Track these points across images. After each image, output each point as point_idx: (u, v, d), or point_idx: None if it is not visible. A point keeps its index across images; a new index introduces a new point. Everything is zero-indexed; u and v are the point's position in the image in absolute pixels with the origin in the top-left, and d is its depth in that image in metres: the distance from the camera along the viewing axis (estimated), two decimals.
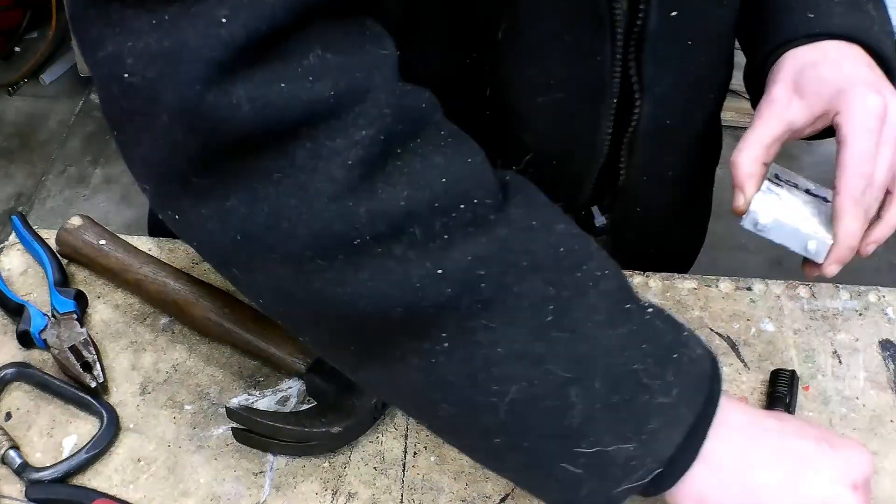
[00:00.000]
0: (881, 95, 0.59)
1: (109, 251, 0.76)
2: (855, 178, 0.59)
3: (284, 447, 0.64)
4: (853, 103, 0.60)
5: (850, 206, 0.60)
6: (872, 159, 0.59)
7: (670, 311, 0.49)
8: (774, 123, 0.63)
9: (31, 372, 0.69)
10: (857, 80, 0.60)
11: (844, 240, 0.61)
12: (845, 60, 0.62)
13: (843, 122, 0.60)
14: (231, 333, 0.70)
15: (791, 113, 0.63)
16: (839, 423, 0.68)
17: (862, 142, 0.59)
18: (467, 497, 0.63)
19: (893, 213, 0.63)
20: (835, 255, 0.62)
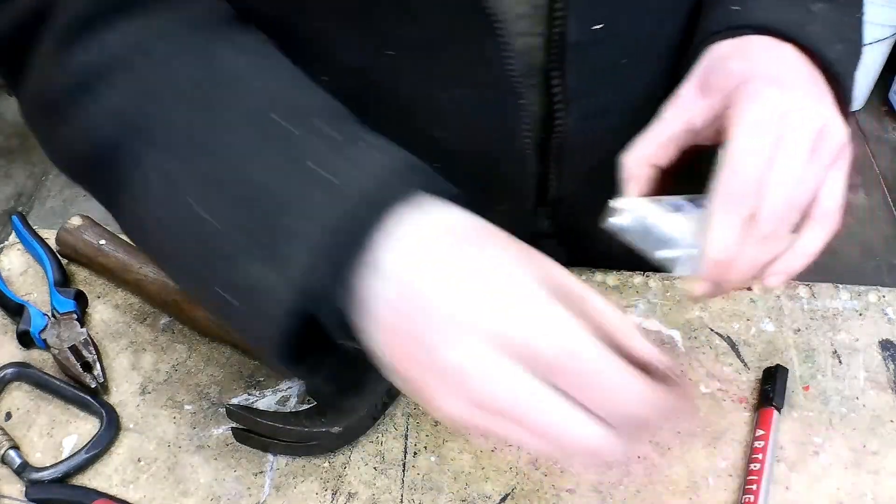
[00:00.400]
0: (784, 92, 0.51)
1: (109, 251, 0.76)
2: (732, 181, 0.49)
3: (284, 447, 0.64)
4: (746, 98, 0.51)
5: (722, 213, 0.49)
6: (760, 163, 0.49)
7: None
8: (671, 122, 0.56)
9: (31, 372, 0.69)
10: (762, 74, 0.52)
11: (711, 251, 0.50)
12: (762, 55, 0.54)
13: (731, 117, 0.51)
14: (231, 333, 0.70)
15: (691, 111, 0.55)
16: (839, 423, 0.68)
17: (746, 141, 0.50)
18: (467, 497, 0.63)
19: (806, 241, 0.52)
20: (703, 269, 0.51)
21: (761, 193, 0.49)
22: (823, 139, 0.51)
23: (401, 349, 0.42)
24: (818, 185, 0.52)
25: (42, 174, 2.38)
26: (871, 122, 2.73)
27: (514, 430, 0.39)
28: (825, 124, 0.51)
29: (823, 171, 0.51)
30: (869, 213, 2.45)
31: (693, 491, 0.64)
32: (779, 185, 0.49)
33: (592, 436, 0.38)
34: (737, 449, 0.66)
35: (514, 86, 0.60)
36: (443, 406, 0.40)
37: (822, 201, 0.52)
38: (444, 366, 0.39)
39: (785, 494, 0.64)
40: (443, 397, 0.40)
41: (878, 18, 2.50)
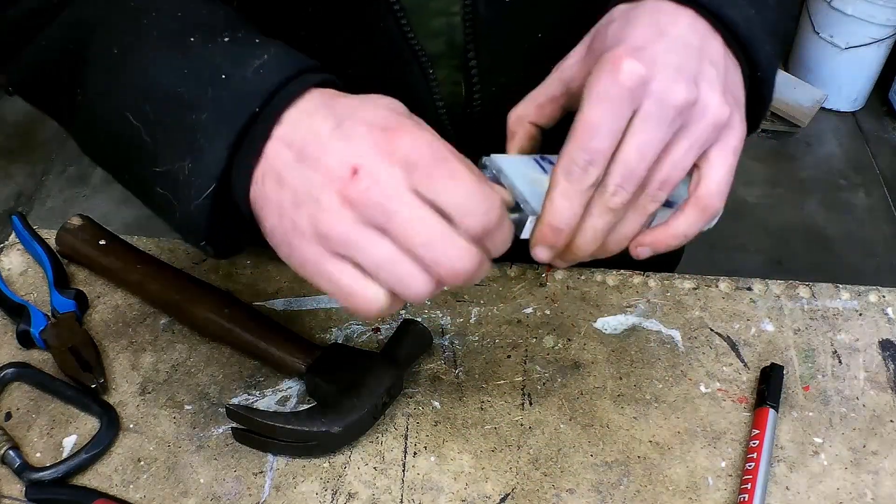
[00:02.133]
0: (644, 62, 0.48)
1: (109, 251, 0.76)
2: (576, 150, 0.48)
3: (284, 447, 0.64)
4: (601, 67, 0.49)
5: (561, 180, 0.49)
6: (607, 133, 0.48)
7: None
8: (552, 84, 0.56)
9: (31, 372, 0.69)
10: (629, 42, 0.50)
11: (547, 216, 0.50)
12: (644, 20, 0.51)
13: (586, 86, 0.49)
14: (231, 333, 0.70)
15: (569, 74, 0.55)
16: (839, 423, 0.68)
17: (595, 110, 0.48)
18: (467, 497, 0.63)
19: (679, 222, 0.52)
20: (537, 232, 0.51)
21: (610, 166, 0.49)
22: (692, 116, 0.49)
23: (276, 206, 0.48)
24: (686, 163, 0.50)
25: (42, 174, 2.38)
26: (871, 122, 2.73)
27: (352, 272, 0.46)
28: (696, 100, 0.49)
29: (693, 150, 0.50)
30: (869, 213, 2.45)
31: (693, 491, 0.64)
32: (626, 157, 0.49)
33: (450, 238, 0.45)
34: (737, 449, 0.66)
35: (421, 63, 0.64)
36: (303, 249, 0.47)
37: (701, 183, 0.51)
38: (319, 229, 0.46)
39: (785, 494, 0.64)
40: (324, 202, 0.45)
41: (878, 18, 2.50)
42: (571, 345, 0.73)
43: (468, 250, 0.46)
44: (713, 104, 0.49)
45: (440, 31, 0.65)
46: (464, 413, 0.68)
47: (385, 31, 0.63)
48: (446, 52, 0.66)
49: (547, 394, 0.69)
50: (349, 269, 0.46)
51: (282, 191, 0.47)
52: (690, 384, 0.71)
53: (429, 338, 0.72)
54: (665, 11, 0.51)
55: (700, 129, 0.49)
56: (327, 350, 0.69)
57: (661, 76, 0.48)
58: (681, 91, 0.48)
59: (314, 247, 0.47)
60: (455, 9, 0.63)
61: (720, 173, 0.51)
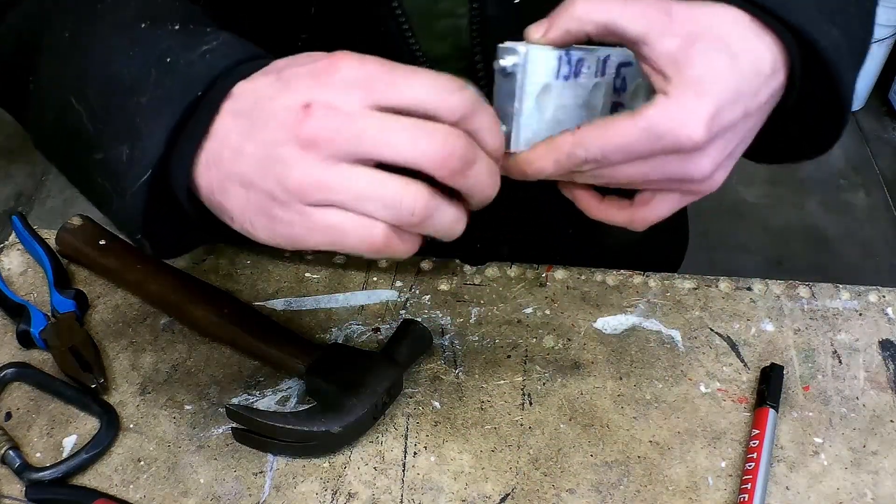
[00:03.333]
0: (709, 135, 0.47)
1: (109, 251, 0.76)
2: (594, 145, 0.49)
3: (284, 447, 0.64)
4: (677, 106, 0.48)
5: (563, 152, 0.50)
6: (627, 158, 0.49)
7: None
8: (637, 21, 0.49)
9: (31, 372, 0.69)
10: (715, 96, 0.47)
11: (526, 161, 0.51)
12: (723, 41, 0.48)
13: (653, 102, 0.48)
14: (231, 333, 0.70)
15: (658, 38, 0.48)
16: (839, 423, 0.68)
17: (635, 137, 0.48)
18: (467, 497, 0.63)
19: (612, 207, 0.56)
20: (508, 161, 0.51)
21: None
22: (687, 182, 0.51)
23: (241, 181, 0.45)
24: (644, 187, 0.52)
25: (42, 174, 2.38)
26: (871, 122, 2.73)
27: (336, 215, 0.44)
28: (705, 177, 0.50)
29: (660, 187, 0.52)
30: (869, 213, 2.45)
31: (693, 491, 0.64)
32: (619, 175, 0.50)
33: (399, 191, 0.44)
34: (737, 449, 0.66)
35: (406, 59, 0.62)
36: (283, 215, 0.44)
37: (647, 208, 0.53)
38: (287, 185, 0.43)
39: (785, 494, 0.64)
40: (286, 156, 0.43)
41: (878, 18, 2.49)
42: (571, 345, 0.73)
43: (452, 132, 0.44)
44: (713, 183, 0.51)
45: (445, 34, 0.64)
46: (464, 413, 0.68)
47: (387, 35, 0.62)
48: (452, 54, 0.65)
49: (547, 394, 0.69)
50: (334, 212, 0.44)
51: (242, 162, 0.45)
52: (690, 384, 0.71)
53: (429, 338, 0.72)
54: (744, 27, 0.48)
55: (685, 186, 0.51)
56: (327, 350, 0.69)
57: (708, 155, 0.48)
58: (707, 172, 0.49)
59: (293, 207, 0.44)
60: (461, 10, 0.63)
61: (664, 211, 0.53)
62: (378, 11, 0.61)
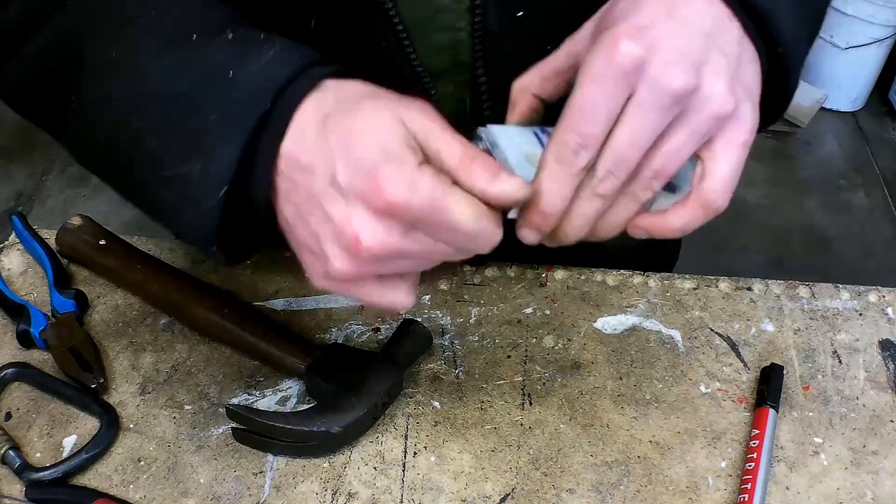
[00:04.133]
0: (643, 45, 0.45)
1: (109, 251, 0.76)
2: (567, 132, 0.47)
3: (284, 447, 0.64)
4: (599, 45, 0.46)
5: (551, 163, 0.47)
6: (599, 116, 0.46)
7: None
8: (559, 57, 0.52)
9: (31, 372, 0.69)
10: (630, 22, 0.46)
11: (535, 200, 0.48)
12: (659, 1, 0.48)
13: (582, 64, 0.47)
14: (231, 333, 0.70)
15: (577, 48, 0.51)
16: (839, 423, 0.68)
17: (588, 92, 0.46)
18: (467, 497, 0.63)
19: (678, 216, 0.51)
20: (525, 215, 0.50)
21: (602, 151, 0.47)
22: (692, 104, 0.46)
23: (295, 209, 0.48)
24: (683, 154, 0.48)
25: (42, 174, 2.38)
26: (871, 122, 2.73)
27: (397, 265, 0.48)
28: (697, 87, 0.46)
29: (692, 140, 0.47)
30: (869, 213, 2.45)
31: (693, 491, 0.64)
32: (617, 143, 0.47)
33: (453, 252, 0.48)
34: (737, 449, 0.66)
35: (422, 81, 0.63)
36: (334, 261, 0.47)
37: (705, 178, 0.49)
38: (333, 224, 0.46)
39: (785, 494, 0.64)
40: (334, 254, 0.47)
41: (878, 18, 2.49)
42: (571, 345, 0.73)
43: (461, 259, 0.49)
44: (716, 94, 0.46)
45: (444, 47, 0.63)
46: (464, 413, 0.68)
47: (386, 49, 0.61)
48: (450, 68, 0.64)
49: (547, 394, 0.69)
50: (373, 287, 0.49)
51: (297, 232, 0.49)
52: (690, 384, 0.71)
53: (429, 338, 0.72)
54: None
55: (700, 119, 0.47)
56: (327, 350, 0.69)
57: (659, 59, 0.45)
58: (679, 77, 0.45)
59: (333, 282, 0.49)
60: (461, 24, 0.62)
61: (725, 168, 0.49)
62: (377, 25, 0.60)
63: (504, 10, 0.60)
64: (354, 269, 0.47)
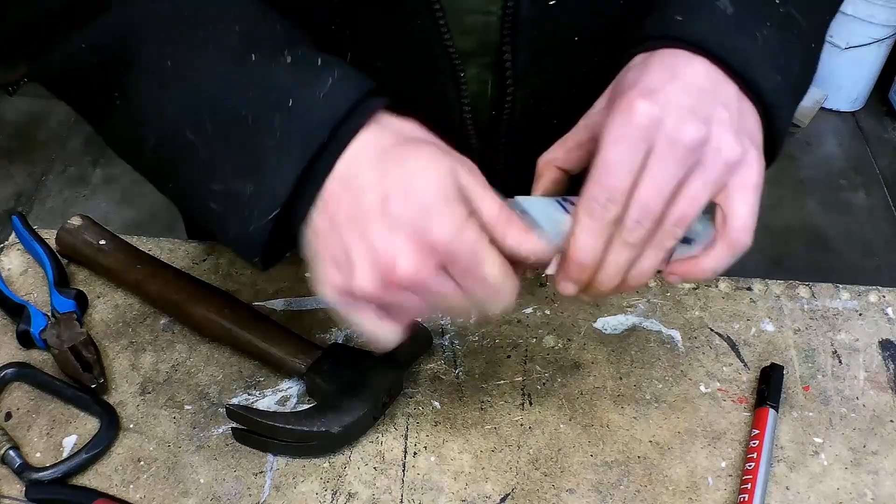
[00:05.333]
0: (657, 103, 0.50)
1: (109, 251, 0.76)
2: (596, 188, 0.51)
3: (284, 447, 0.64)
4: (617, 109, 0.51)
5: (584, 218, 0.51)
6: (624, 171, 0.50)
7: None
8: (579, 131, 0.58)
9: (31, 372, 0.69)
10: (642, 86, 0.51)
11: (573, 253, 0.52)
12: (661, 66, 0.53)
13: (603, 128, 0.52)
14: (231, 333, 0.70)
15: (594, 121, 0.56)
16: (839, 423, 0.68)
17: (612, 150, 0.50)
18: (467, 497, 0.63)
19: (709, 258, 0.54)
20: (562, 268, 0.54)
21: (628, 203, 0.51)
22: (705, 154, 0.51)
23: (329, 221, 0.50)
24: (701, 200, 0.52)
25: (42, 174, 2.38)
26: (871, 122, 2.73)
27: (411, 300, 0.50)
28: (708, 138, 0.50)
29: (708, 186, 0.51)
30: (869, 213, 2.45)
31: (693, 491, 0.64)
32: (643, 194, 0.50)
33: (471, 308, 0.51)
34: (737, 449, 0.66)
35: (453, 61, 0.63)
36: (361, 277, 0.49)
37: (728, 220, 0.53)
38: (372, 244, 0.48)
39: (785, 494, 0.64)
40: (363, 270, 0.49)
41: (878, 18, 2.49)
42: (571, 345, 0.73)
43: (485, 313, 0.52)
44: (725, 143, 0.51)
45: (473, 29, 0.64)
46: (464, 413, 0.68)
47: (420, 27, 0.62)
48: (477, 49, 0.65)
49: (547, 394, 0.69)
50: (371, 316, 0.51)
51: (328, 241, 0.50)
52: (690, 384, 0.71)
53: (429, 338, 0.72)
54: (680, 57, 0.53)
55: (713, 166, 0.51)
56: (327, 350, 0.69)
57: (673, 116, 0.50)
58: (692, 130, 0.50)
59: (344, 296, 0.50)
60: (493, 8, 0.62)
61: (744, 209, 0.53)
62: (414, 3, 0.60)
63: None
64: (376, 290, 0.49)
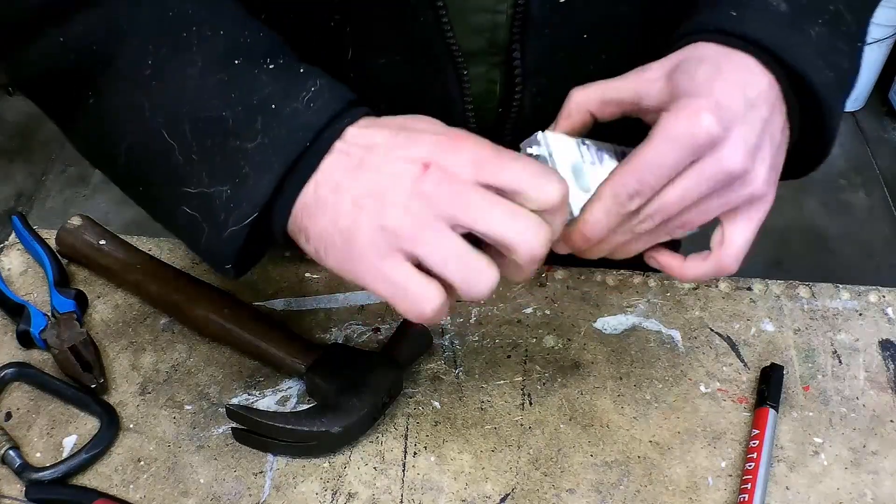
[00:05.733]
0: (720, 124, 0.50)
1: (109, 251, 0.76)
2: (630, 176, 0.51)
3: (284, 447, 0.64)
4: (682, 109, 0.50)
5: (607, 198, 0.52)
6: (663, 173, 0.50)
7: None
8: (625, 89, 0.55)
9: (31, 372, 0.69)
10: (714, 97, 0.50)
11: (582, 225, 0.53)
12: (734, 76, 0.52)
13: (660, 121, 0.51)
14: (231, 333, 0.70)
15: (646, 89, 0.54)
16: (839, 423, 0.68)
17: (661, 148, 0.50)
18: (467, 497, 0.63)
19: (693, 266, 0.56)
20: (567, 233, 0.54)
21: (651, 199, 0.52)
22: (734, 183, 0.52)
23: (332, 210, 0.48)
24: (712, 215, 0.53)
25: (42, 174, 2.38)
26: (871, 122, 2.73)
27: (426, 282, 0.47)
28: (744, 171, 0.51)
29: (724, 207, 0.53)
30: (869, 213, 2.45)
31: (693, 491, 0.64)
32: (668, 197, 0.51)
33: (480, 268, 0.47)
34: (737, 449, 0.66)
35: (455, 60, 0.63)
36: (360, 248, 0.47)
37: (724, 245, 0.55)
38: (385, 224, 0.46)
39: (785, 494, 0.64)
40: (392, 198, 0.47)
41: (878, 18, 2.48)
42: (571, 345, 0.73)
43: (541, 225, 0.48)
44: (760, 179, 0.52)
45: (482, 28, 0.63)
46: (464, 413, 0.68)
47: (423, 26, 0.61)
48: (486, 48, 0.64)
49: (547, 394, 0.70)
50: (406, 267, 0.47)
51: (339, 195, 0.48)
52: (690, 384, 0.71)
53: (429, 338, 0.72)
54: (752, 72, 0.53)
55: (739, 195, 0.52)
56: (327, 350, 0.69)
57: (731, 141, 0.50)
58: (741, 161, 0.50)
59: (373, 245, 0.47)
60: (501, 6, 0.62)
61: (742, 240, 0.54)
62: (418, 1, 0.60)
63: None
64: (411, 217, 0.46)
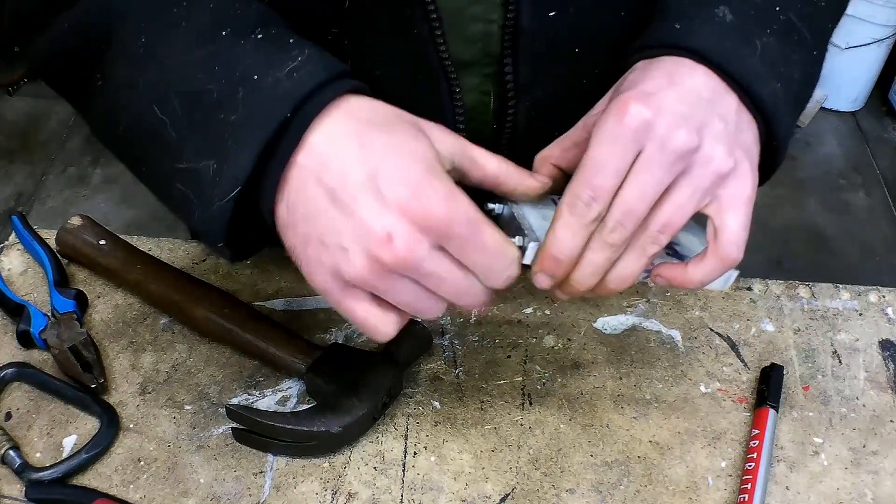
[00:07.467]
0: (649, 107, 0.49)
1: (109, 251, 0.76)
2: (580, 185, 0.50)
3: (284, 447, 0.64)
4: (610, 109, 0.51)
5: (565, 213, 0.51)
6: (610, 171, 0.50)
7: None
8: (577, 130, 0.57)
9: (31, 372, 0.69)
10: (638, 89, 0.51)
11: (549, 246, 0.52)
12: (660, 72, 0.53)
13: (595, 126, 0.51)
14: (231, 333, 0.70)
15: (592, 121, 0.55)
16: (839, 423, 0.68)
17: (600, 149, 0.50)
18: (467, 497, 0.63)
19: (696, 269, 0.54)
20: (538, 260, 0.53)
21: (612, 203, 0.51)
22: (695, 162, 0.50)
23: (311, 204, 0.48)
24: (688, 209, 0.51)
25: (42, 174, 2.38)
26: (871, 122, 2.73)
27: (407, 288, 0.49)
28: (698, 147, 0.50)
29: (696, 196, 0.51)
30: (869, 213, 2.45)
31: (693, 491, 0.64)
32: (626, 195, 0.50)
33: (471, 286, 0.50)
34: (737, 449, 0.66)
35: (447, 72, 0.63)
36: (353, 259, 0.47)
37: (719, 233, 0.53)
38: (341, 271, 0.47)
39: (785, 494, 0.64)
40: (355, 251, 0.47)
41: (878, 18, 2.49)
42: (571, 345, 0.73)
43: (487, 294, 0.51)
44: (717, 155, 0.51)
45: (475, 38, 0.63)
46: (464, 413, 0.68)
47: (417, 37, 0.61)
48: (480, 59, 0.65)
49: (547, 394, 0.70)
50: (365, 304, 0.49)
51: (309, 226, 0.48)
52: (690, 384, 0.71)
53: (429, 338, 0.72)
54: (682, 65, 0.53)
55: (702, 176, 0.51)
56: (327, 350, 0.69)
57: (665, 121, 0.50)
58: (683, 136, 0.49)
59: (333, 284, 0.49)
60: (493, 17, 0.62)
61: (735, 223, 0.53)
62: (412, 11, 0.60)
63: (537, 8, 0.61)
64: (367, 274, 0.47)
